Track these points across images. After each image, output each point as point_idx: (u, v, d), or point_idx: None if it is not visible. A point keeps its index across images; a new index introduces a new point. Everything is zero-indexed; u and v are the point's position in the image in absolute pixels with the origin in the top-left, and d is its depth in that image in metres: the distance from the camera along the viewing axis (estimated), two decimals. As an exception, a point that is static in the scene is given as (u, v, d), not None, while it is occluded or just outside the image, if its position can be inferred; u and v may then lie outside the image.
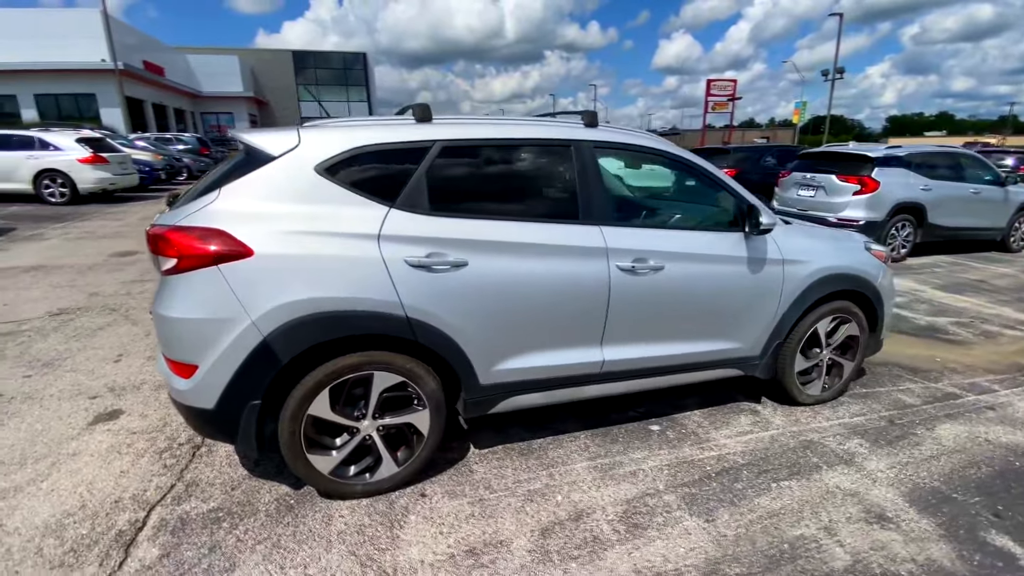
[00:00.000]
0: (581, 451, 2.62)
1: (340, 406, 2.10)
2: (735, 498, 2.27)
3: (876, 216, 6.82)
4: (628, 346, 2.52)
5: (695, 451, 2.63)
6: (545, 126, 2.42)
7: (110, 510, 2.14)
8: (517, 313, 2.25)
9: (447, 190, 2.20)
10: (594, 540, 2.02)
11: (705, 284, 2.57)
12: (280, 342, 1.92)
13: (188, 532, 2.03)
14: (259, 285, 1.89)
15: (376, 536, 2.02)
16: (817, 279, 2.80)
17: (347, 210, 2.02)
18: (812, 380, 3.09)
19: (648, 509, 2.19)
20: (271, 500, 2.22)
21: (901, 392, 3.33)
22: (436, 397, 2.21)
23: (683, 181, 2.79)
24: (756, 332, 2.78)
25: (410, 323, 2.06)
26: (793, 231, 2.87)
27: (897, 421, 2.96)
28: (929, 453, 2.64)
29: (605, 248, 2.35)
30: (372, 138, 2.11)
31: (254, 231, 1.91)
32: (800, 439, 2.75)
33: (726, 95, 48.90)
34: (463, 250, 2.13)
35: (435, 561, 1.90)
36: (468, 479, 2.38)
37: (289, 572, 1.85)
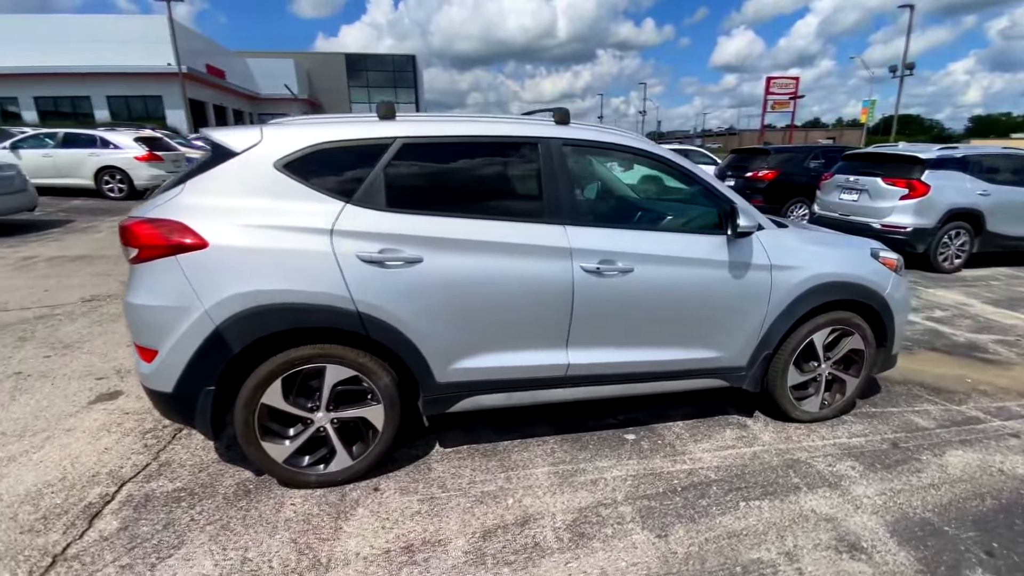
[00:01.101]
0: (546, 456, 2.58)
1: (293, 397, 2.17)
2: (696, 515, 2.18)
3: (925, 223, 6.34)
4: (595, 350, 2.46)
5: (666, 463, 2.54)
6: (513, 123, 2.41)
7: (86, 483, 2.31)
8: (474, 312, 2.25)
9: (406, 187, 2.23)
10: (534, 547, 1.98)
11: (680, 289, 2.47)
12: (232, 331, 2.00)
13: (149, 509, 2.16)
14: (213, 276, 1.98)
15: (320, 526, 2.07)
16: (811, 287, 2.64)
17: (303, 205, 2.09)
18: (809, 396, 2.91)
19: (599, 519, 2.14)
20: (232, 484, 2.32)
21: (915, 413, 3.08)
22: (390, 393, 2.24)
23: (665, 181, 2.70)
24: (740, 341, 2.64)
25: (361, 318, 2.10)
26: (785, 235, 2.71)
27: (902, 444, 2.74)
28: (929, 481, 2.43)
29: (569, 248, 2.31)
30: (332, 135, 2.17)
31: (211, 224, 2.00)
32: (785, 457, 2.60)
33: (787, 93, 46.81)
34: (418, 247, 2.15)
35: (370, 555, 1.93)
36: (424, 476, 2.40)
37: (230, 554, 1.93)
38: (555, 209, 2.34)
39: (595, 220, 2.44)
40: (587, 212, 2.45)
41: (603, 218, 2.49)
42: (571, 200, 2.37)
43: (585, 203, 2.47)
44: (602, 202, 2.71)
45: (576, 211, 2.38)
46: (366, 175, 2.17)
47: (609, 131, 2.56)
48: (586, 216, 2.42)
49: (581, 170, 3.11)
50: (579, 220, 2.37)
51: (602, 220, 2.48)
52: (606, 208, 2.71)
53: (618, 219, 2.56)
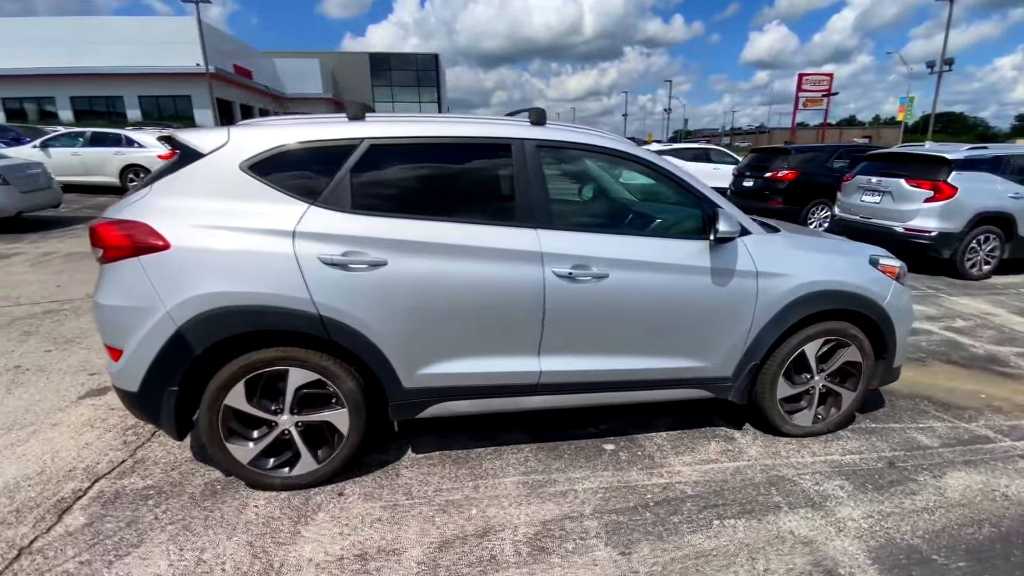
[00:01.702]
0: (519, 465, 2.54)
1: (257, 399, 2.18)
2: (665, 532, 2.10)
3: (951, 227, 6.04)
4: (569, 358, 2.41)
5: (642, 476, 2.46)
6: (485, 124, 2.37)
7: (62, 478, 2.36)
8: (441, 317, 2.22)
9: (373, 188, 2.21)
10: (490, 559, 1.94)
11: (658, 295, 2.39)
12: (193, 333, 2.02)
13: (117, 505, 2.19)
14: (175, 277, 2.00)
15: (279, 529, 2.08)
16: (801, 295, 2.52)
17: (267, 207, 2.09)
18: (801, 409, 2.79)
19: (562, 533, 2.08)
20: (201, 484, 2.34)
21: (918, 430, 2.92)
22: (355, 397, 2.23)
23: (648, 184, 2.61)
24: (724, 351, 2.55)
25: (323, 321, 2.09)
26: (774, 240, 2.60)
27: (899, 464, 2.60)
28: (923, 505, 2.29)
29: (540, 253, 2.26)
30: (299, 136, 2.17)
31: (175, 225, 2.02)
32: (770, 474, 2.49)
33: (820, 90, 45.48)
34: (383, 249, 2.13)
35: (323, 561, 1.92)
36: (391, 483, 2.39)
37: (187, 555, 1.94)
38: (527, 212, 2.29)
39: (570, 224, 2.38)
40: (562, 215, 2.39)
41: (579, 222, 2.43)
42: (544, 203, 2.32)
43: (560, 206, 2.41)
44: (579, 205, 2.64)
45: (550, 214, 2.32)
46: (332, 176, 2.16)
47: (587, 132, 2.49)
48: (560, 219, 2.36)
49: (575, 172, 3.05)
50: (553, 224, 2.31)
51: (577, 224, 2.41)
52: (583, 211, 2.64)
53: (595, 223, 2.49)
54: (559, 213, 2.39)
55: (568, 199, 2.58)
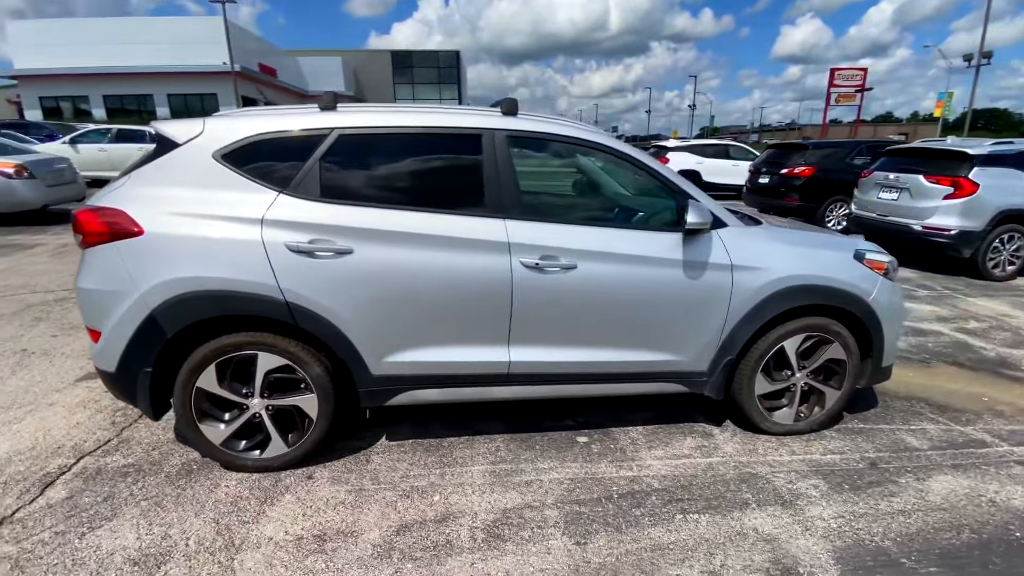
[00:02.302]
0: (490, 454, 2.56)
1: (228, 382, 2.25)
2: (625, 524, 2.10)
3: (973, 225, 5.81)
4: (539, 348, 2.42)
5: (610, 468, 2.46)
6: (455, 114, 2.39)
7: (51, 454, 2.49)
8: (408, 305, 2.25)
9: (341, 177, 2.26)
10: (445, 544, 1.97)
11: (628, 287, 2.38)
12: (165, 316, 2.10)
13: (97, 481, 2.30)
14: (148, 262, 2.08)
15: (245, 509, 2.15)
16: (778, 290, 2.48)
17: (238, 195, 2.16)
18: (782, 406, 2.74)
19: (521, 522, 2.10)
20: (178, 463, 2.44)
21: (909, 432, 2.84)
22: (323, 383, 2.29)
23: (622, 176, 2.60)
24: (698, 345, 2.52)
25: (289, 307, 2.15)
26: (752, 233, 2.56)
27: (881, 465, 2.53)
28: (900, 507, 2.23)
29: (507, 243, 2.27)
30: (271, 126, 2.23)
31: (149, 212, 2.11)
32: (743, 471, 2.46)
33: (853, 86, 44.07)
34: (349, 238, 2.18)
35: (282, 540, 1.98)
36: (361, 468, 2.44)
37: (154, 529, 2.03)
38: (496, 202, 2.31)
39: (540, 214, 2.39)
40: (533, 206, 2.40)
41: (549, 212, 2.43)
42: (514, 193, 2.33)
43: (531, 197, 2.41)
44: (552, 196, 2.64)
45: (519, 205, 2.34)
46: (302, 166, 2.21)
47: (560, 123, 2.49)
48: (531, 210, 2.37)
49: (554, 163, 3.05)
50: (522, 214, 2.33)
51: (547, 214, 2.41)
52: (555, 202, 2.64)
53: (567, 214, 2.48)
54: (530, 203, 2.40)
55: (541, 190, 2.59)
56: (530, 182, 3.33)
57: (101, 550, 1.92)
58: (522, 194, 2.38)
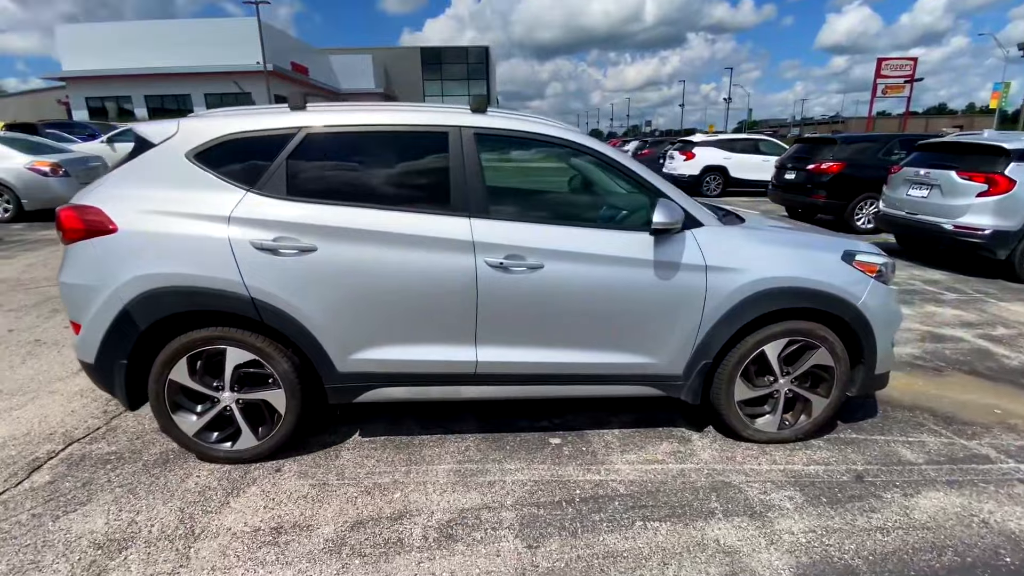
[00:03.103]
0: (458, 453, 2.57)
1: (200, 375, 2.34)
2: (581, 529, 2.07)
3: (1009, 224, 5.47)
4: (506, 348, 2.41)
5: (578, 472, 2.43)
6: (423, 112, 2.40)
7: (43, 440, 2.63)
8: (372, 303, 2.28)
9: (308, 176, 2.30)
10: (397, 542, 2.00)
11: (597, 288, 2.35)
12: (137, 310, 2.19)
13: (79, 467, 2.42)
14: (121, 258, 2.18)
15: (211, 499, 2.22)
16: (757, 292, 2.39)
17: (207, 193, 2.23)
18: (764, 413, 2.65)
19: (475, 522, 2.10)
20: (157, 453, 2.54)
21: (905, 444, 2.70)
22: (291, 379, 2.34)
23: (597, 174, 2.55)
24: (672, 348, 2.46)
25: (254, 304, 2.21)
26: (729, 232, 2.48)
27: (868, 479, 2.42)
28: (879, 524, 2.13)
29: (472, 241, 2.27)
30: (242, 126, 2.30)
31: (124, 209, 2.20)
32: (716, 479, 2.39)
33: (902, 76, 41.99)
34: (313, 235, 2.22)
35: (240, 531, 2.04)
36: (328, 463, 2.49)
37: (123, 516, 2.12)
38: (462, 200, 2.31)
39: (508, 213, 2.37)
40: (499, 204, 2.38)
41: (518, 211, 2.41)
42: (480, 191, 2.33)
43: (498, 194, 2.40)
44: (522, 194, 2.61)
45: (486, 203, 2.33)
46: (270, 164, 2.27)
47: (529, 120, 2.47)
48: (498, 208, 2.36)
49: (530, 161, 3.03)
50: (489, 213, 2.32)
51: (516, 213, 2.40)
52: (525, 201, 2.61)
53: (535, 212, 2.46)
54: (498, 202, 2.39)
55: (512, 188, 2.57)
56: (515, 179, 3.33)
57: (71, 533, 2.02)
58: (490, 192, 2.37)
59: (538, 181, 2.99)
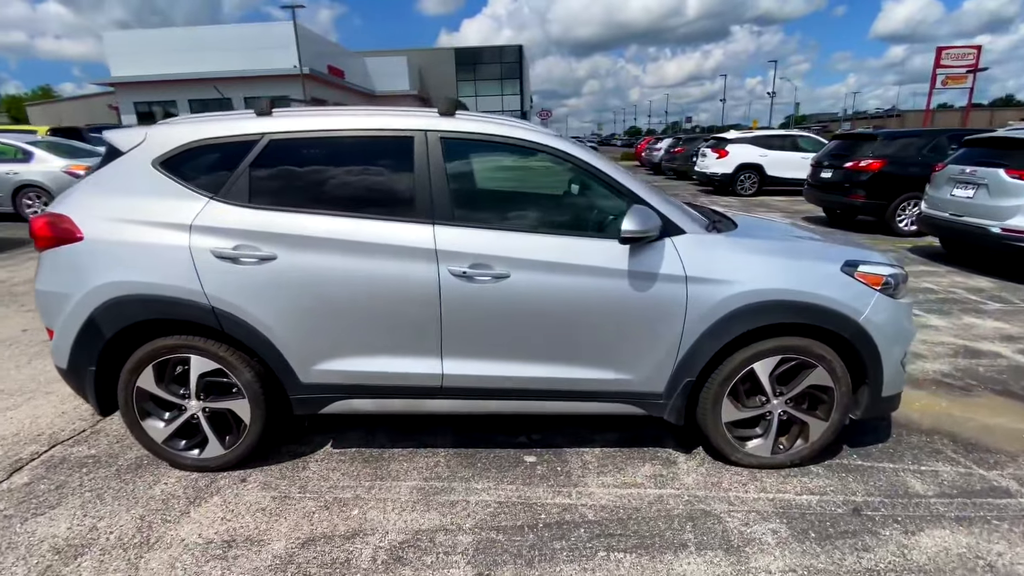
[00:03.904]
0: (426, 469, 2.51)
1: (167, 383, 2.36)
2: (539, 557, 1.97)
3: (1066, 227, 4.99)
4: (474, 362, 2.33)
5: (547, 494, 2.33)
6: (389, 116, 2.35)
7: (29, 441, 2.73)
8: (333, 313, 2.25)
9: (271, 183, 2.28)
10: (344, 562, 1.95)
11: (567, 299, 2.24)
12: (103, 318, 2.22)
13: (57, 470, 2.49)
14: (87, 266, 2.21)
15: (173, 508, 2.24)
16: (743, 305, 2.23)
17: (171, 201, 2.24)
18: (756, 436, 2.48)
19: (429, 545, 2.03)
20: (132, 458, 2.59)
21: (915, 474, 2.47)
22: (254, 388, 2.33)
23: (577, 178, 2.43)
24: (651, 364, 2.33)
25: (215, 313, 2.21)
26: (713, 241, 2.32)
27: (867, 512, 2.22)
28: (870, 565, 1.94)
29: (435, 250, 2.21)
30: (206, 133, 2.30)
31: (91, 217, 2.24)
32: (695, 507, 2.24)
33: (964, 66, 39.50)
34: (273, 244, 2.20)
35: (192, 543, 2.04)
36: (294, 475, 2.47)
37: (86, 521, 2.16)
38: (426, 207, 2.24)
39: (474, 220, 2.29)
40: (466, 211, 2.30)
41: (485, 218, 2.31)
42: (445, 197, 2.25)
43: (465, 200, 2.31)
44: (490, 200, 2.51)
45: (451, 210, 2.25)
46: (233, 171, 2.26)
47: (499, 123, 2.37)
48: (464, 215, 2.28)
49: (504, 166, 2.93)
50: (454, 219, 2.25)
51: (483, 220, 2.31)
52: (494, 207, 2.50)
53: (504, 219, 2.36)
54: (465, 208, 2.31)
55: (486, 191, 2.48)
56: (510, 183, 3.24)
57: (35, 536, 2.07)
58: (461, 197, 2.30)
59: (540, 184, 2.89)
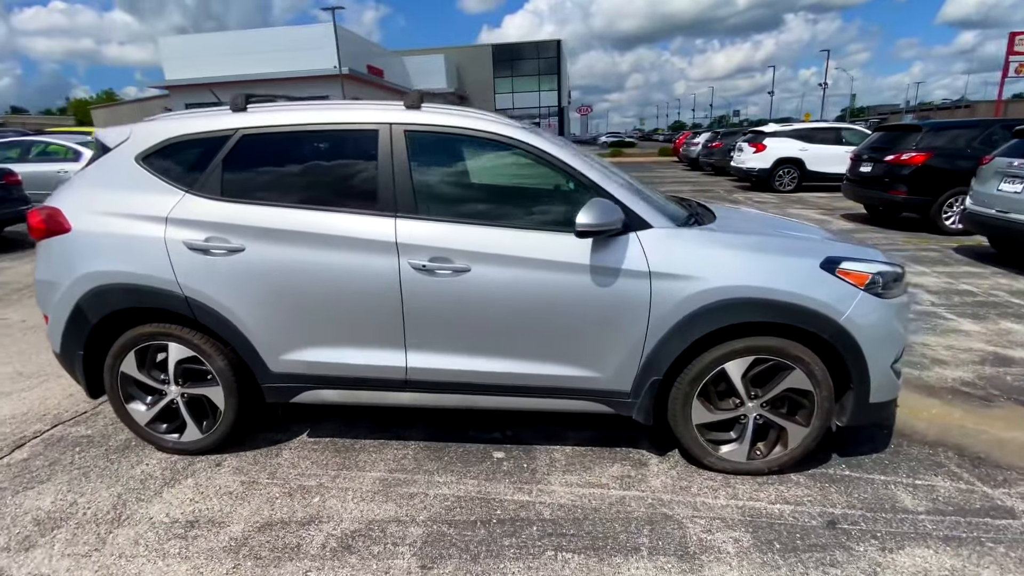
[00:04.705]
0: (393, 461, 2.55)
1: (148, 369, 2.49)
2: (484, 554, 1.97)
3: None
4: (437, 355, 2.35)
5: (508, 490, 2.32)
6: (355, 109, 2.38)
7: (36, 420, 2.94)
8: (299, 305, 2.31)
9: (242, 176, 2.36)
10: (295, 548, 2.00)
11: (527, 294, 2.22)
12: (88, 306, 2.37)
13: (55, 447, 2.67)
14: (74, 256, 2.36)
15: (149, 488, 2.36)
16: (710, 303, 2.15)
17: (150, 195, 2.36)
18: (730, 441, 2.38)
19: (379, 536, 2.06)
20: (123, 439, 2.74)
21: (908, 487, 2.31)
22: (227, 375, 2.43)
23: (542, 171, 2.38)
24: (615, 362, 2.28)
25: (188, 302, 2.31)
26: (680, 235, 2.23)
27: (844, 525, 2.10)
28: (833, 580, 1.83)
29: (395, 243, 2.23)
30: (184, 129, 2.41)
31: (79, 210, 2.39)
32: (657, 511, 2.18)
33: (1043, 50, 36.50)
34: (242, 236, 2.28)
35: (159, 522, 2.15)
36: (266, 461, 2.56)
37: (68, 496, 2.31)
38: (388, 200, 2.27)
39: (437, 213, 2.30)
40: (429, 204, 2.30)
41: (448, 211, 2.31)
42: (407, 190, 2.27)
43: (429, 193, 2.32)
44: (455, 192, 2.49)
45: (413, 203, 2.27)
46: (207, 166, 2.36)
47: (464, 115, 2.37)
48: (426, 208, 2.29)
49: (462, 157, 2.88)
50: (415, 212, 2.27)
51: (446, 213, 2.31)
52: (458, 200, 2.48)
53: (468, 213, 2.34)
54: (428, 201, 2.32)
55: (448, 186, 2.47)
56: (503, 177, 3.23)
57: (21, 508, 2.23)
58: (420, 191, 2.31)
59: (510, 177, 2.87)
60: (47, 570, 1.91)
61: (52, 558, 1.96)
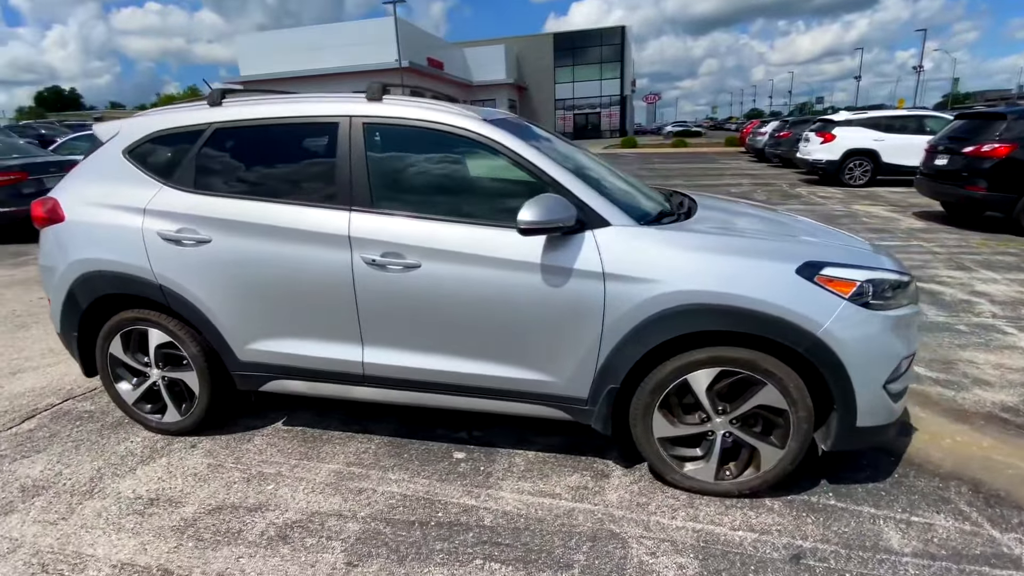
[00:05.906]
0: (355, 455, 2.58)
1: (132, 351, 2.66)
2: (413, 555, 1.95)
3: None
4: (392, 351, 2.35)
5: (456, 492, 2.29)
6: (319, 102, 2.41)
7: (51, 393, 3.22)
8: (260, 296, 2.39)
9: (213, 169, 2.46)
10: (235, 532, 2.08)
11: (476, 292, 2.16)
12: (79, 291, 2.56)
13: (58, 421, 2.92)
14: (68, 244, 2.56)
15: (127, 464, 2.53)
16: (668, 308, 2.00)
17: (132, 187, 2.51)
18: (697, 458, 2.23)
19: (316, 529, 2.09)
20: (118, 416, 2.95)
21: (901, 524, 2.07)
22: (200, 361, 2.55)
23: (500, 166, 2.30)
24: (569, 366, 2.18)
25: (162, 290, 2.45)
26: (643, 234, 2.09)
27: (809, 561, 1.90)
28: (778, 621, 1.67)
29: (348, 237, 2.25)
30: (164, 123, 2.54)
31: (73, 201, 2.58)
32: (604, 527, 2.08)
33: None
34: (209, 227, 2.38)
35: (125, 497, 2.29)
36: (237, 446, 2.67)
37: (56, 466, 2.52)
38: (345, 193, 2.29)
39: (397, 206, 2.28)
40: (386, 198, 2.28)
41: (408, 205, 2.27)
42: (364, 184, 2.28)
43: (386, 187, 2.29)
44: (416, 187, 2.44)
45: (369, 197, 2.27)
46: (183, 159, 2.48)
47: (427, 107, 2.33)
48: (383, 202, 2.29)
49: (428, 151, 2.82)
50: (370, 206, 2.27)
51: (405, 207, 2.28)
52: (422, 193, 2.42)
53: (430, 206, 2.29)
54: (385, 195, 2.30)
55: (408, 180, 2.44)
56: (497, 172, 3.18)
57: (13, 475, 2.46)
58: (377, 184, 2.31)
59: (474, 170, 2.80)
60: (16, 534, 2.09)
61: (24, 523, 2.15)
